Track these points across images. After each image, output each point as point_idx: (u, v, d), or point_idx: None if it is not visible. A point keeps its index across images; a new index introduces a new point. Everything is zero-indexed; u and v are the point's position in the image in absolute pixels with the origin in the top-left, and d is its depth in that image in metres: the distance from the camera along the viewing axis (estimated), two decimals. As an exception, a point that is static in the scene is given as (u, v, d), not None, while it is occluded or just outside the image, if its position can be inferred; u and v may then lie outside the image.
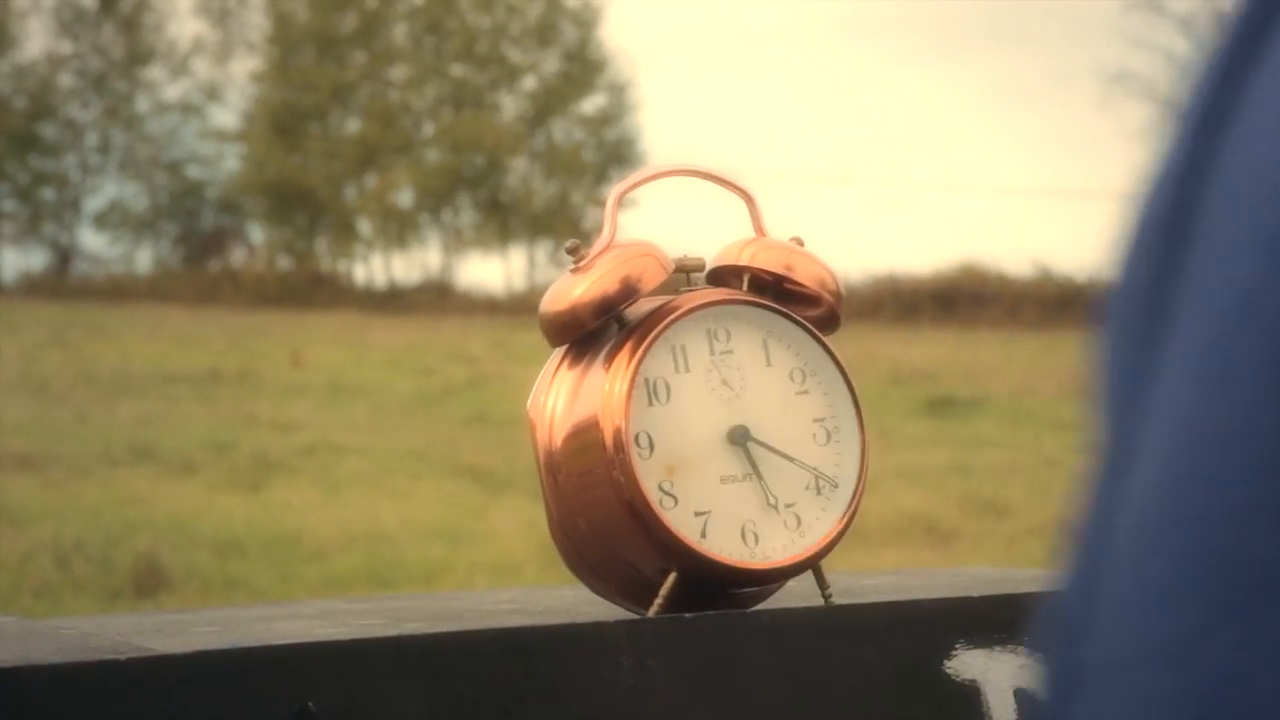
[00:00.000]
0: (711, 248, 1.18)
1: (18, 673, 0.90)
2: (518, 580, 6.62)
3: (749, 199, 1.18)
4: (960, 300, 22.79)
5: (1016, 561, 6.79)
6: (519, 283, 29.09)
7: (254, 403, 13.09)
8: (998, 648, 1.11)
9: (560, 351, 1.14)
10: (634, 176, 1.17)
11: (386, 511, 8.41)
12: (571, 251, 1.13)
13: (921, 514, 8.28)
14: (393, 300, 26.29)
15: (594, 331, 1.12)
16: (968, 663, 1.10)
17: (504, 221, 29.96)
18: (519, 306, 23.69)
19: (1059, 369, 15.83)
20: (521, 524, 7.67)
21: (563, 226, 28.59)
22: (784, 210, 1.19)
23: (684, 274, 1.16)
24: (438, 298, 26.24)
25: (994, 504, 8.80)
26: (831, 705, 1.07)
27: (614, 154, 30.79)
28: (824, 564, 1.14)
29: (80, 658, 0.94)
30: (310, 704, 0.94)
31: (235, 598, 6.34)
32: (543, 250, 30.40)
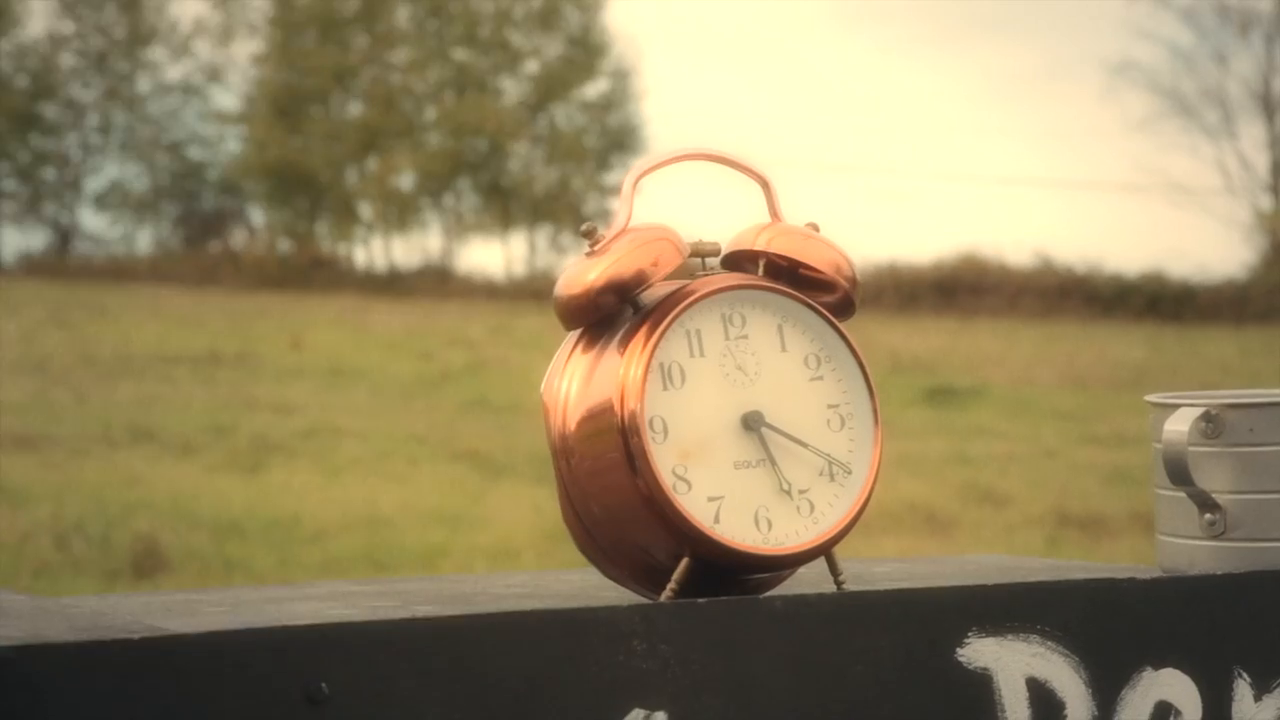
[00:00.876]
0: (720, 232, 1.18)
1: (30, 651, 0.90)
2: (516, 565, 6.61)
3: (765, 184, 1.18)
4: (960, 290, 22.75)
5: (1015, 550, 6.79)
6: (519, 268, 29.05)
7: (253, 385, 13.09)
8: (1010, 636, 1.11)
9: (574, 335, 1.13)
10: (653, 160, 1.16)
11: (385, 495, 8.41)
12: (587, 234, 1.12)
13: (921, 503, 8.27)
14: (393, 284, 26.26)
15: (609, 316, 1.12)
16: (980, 651, 1.10)
17: (505, 206, 29.88)
18: (519, 291, 23.66)
19: (1059, 359, 15.82)
20: (520, 509, 7.67)
21: (564, 212, 28.59)
22: (785, 198, 1.19)
23: (699, 259, 1.16)
24: (438, 282, 26.18)
25: (992, 493, 8.80)
26: (843, 691, 1.07)
27: (616, 140, 30.73)
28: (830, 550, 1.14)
29: (93, 636, 0.93)
30: (324, 685, 0.94)
31: (234, 579, 6.34)
32: (543, 235, 30.37)
